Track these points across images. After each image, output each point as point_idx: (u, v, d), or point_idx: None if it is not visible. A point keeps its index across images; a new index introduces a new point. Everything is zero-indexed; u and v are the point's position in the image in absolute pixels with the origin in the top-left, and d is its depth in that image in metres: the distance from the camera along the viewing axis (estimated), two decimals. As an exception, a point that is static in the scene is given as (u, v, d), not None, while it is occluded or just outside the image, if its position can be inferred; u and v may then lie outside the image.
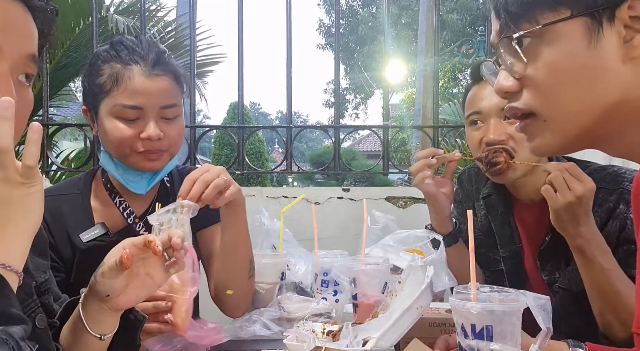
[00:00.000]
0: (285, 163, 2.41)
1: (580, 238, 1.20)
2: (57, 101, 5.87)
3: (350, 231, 2.22)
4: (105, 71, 1.28)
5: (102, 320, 0.87)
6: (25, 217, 0.64)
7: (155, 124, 1.28)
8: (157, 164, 1.32)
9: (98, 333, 0.86)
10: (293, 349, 1.00)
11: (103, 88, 1.28)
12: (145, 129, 1.27)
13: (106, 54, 1.31)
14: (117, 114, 1.27)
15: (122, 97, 1.26)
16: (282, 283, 1.43)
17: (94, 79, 1.30)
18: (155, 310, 1.05)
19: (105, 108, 1.28)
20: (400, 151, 15.95)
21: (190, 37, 2.53)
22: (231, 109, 12.92)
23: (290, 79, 2.42)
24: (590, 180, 1.21)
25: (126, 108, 1.26)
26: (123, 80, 1.26)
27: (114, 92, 1.27)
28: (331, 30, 23.89)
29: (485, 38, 2.66)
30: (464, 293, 0.92)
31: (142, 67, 1.28)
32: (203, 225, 1.39)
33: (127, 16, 4.64)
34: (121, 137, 1.27)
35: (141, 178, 1.35)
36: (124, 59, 1.28)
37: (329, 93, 28.35)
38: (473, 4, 20.87)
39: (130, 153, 1.29)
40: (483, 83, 1.39)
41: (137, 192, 1.35)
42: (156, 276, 0.88)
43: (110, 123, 1.28)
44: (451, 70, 17.10)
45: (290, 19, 2.39)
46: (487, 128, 1.37)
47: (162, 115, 1.30)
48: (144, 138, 1.27)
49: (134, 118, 1.27)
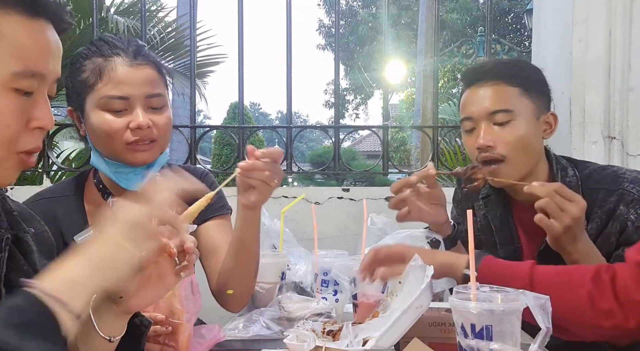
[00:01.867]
0: (285, 163, 2.41)
1: (577, 253, 1.21)
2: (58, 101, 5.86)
3: (350, 231, 2.22)
4: (87, 67, 1.28)
5: (113, 322, 0.87)
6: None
7: (143, 113, 1.27)
8: (147, 156, 1.31)
9: (107, 335, 0.85)
10: (293, 349, 1.00)
11: (87, 84, 1.27)
12: (133, 118, 1.26)
13: (87, 51, 1.31)
14: (103, 107, 1.26)
15: (107, 89, 1.26)
16: (282, 283, 1.43)
17: (76, 77, 1.29)
18: (156, 334, 1.04)
19: (91, 102, 1.27)
20: (400, 151, 15.96)
21: (190, 38, 2.53)
22: (231, 109, 12.93)
23: (290, 79, 2.42)
24: (580, 197, 1.21)
25: (112, 99, 1.26)
26: (106, 71, 1.26)
27: (98, 85, 1.26)
28: (331, 31, 23.88)
29: (485, 38, 2.66)
30: (464, 293, 0.92)
31: (123, 58, 1.28)
32: (204, 218, 1.38)
33: (127, 16, 4.65)
34: (110, 130, 1.26)
35: (134, 175, 1.33)
36: (105, 53, 1.28)
37: (329, 94, 28.34)
38: (473, 4, 20.86)
39: (120, 148, 1.28)
40: (474, 88, 1.39)
41: (130, 189, 1.33)
42: (167, 279, 0.88)
43: (97, 117, 1.27)
44: (451, 70, 17.09)
45: (290, 19, 2.39)
46: (478, 134, 1.37)
47: (148, 104, 1.29)
48: (134, 127, 1.26)
49: (121, 109, 1.26)
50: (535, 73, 1.43)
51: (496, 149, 1.34)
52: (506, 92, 1.36)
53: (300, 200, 1.64)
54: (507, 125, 1.34)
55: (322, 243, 1.47)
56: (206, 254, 1.40)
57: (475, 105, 1.38)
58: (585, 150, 2.04)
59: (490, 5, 2.53)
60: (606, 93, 2.04)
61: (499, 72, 1.39)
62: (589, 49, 2.05)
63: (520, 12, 18.58)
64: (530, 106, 1.36)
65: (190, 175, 0.93)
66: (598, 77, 2.04)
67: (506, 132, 1.34)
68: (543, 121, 1.39)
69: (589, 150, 2.04)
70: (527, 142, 1.35)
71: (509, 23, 21.75)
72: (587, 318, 1.01)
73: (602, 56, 2.04)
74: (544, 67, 1.48)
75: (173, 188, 0.83)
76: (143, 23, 2.50)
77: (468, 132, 1.41)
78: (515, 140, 1.33)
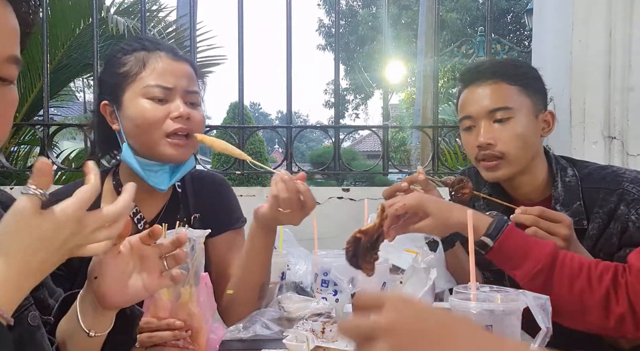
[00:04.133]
0: (285, 163, 2.41)
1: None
2: (58, 101, 5.87)
3: (350, 231, 2.21)
4: (128, 60, 1.31)
5: (95, 316, 0.85)
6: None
7: (183, 104, 1.29)
8: (183, 151, 1.30)
9: (87, 329, 0.84)
10: (293, 349, 1.01)
11: (128, 74, 1.29)
12: (174, 109, 1.28)
13: (127, 47, 1.34)
14: (146, 95, 1.27)
15: (151, 78, 1.28)
16: (282, 283, 1.43)
17: (115, 70, 1.31)
18: (175, 339, 1.04)
19: (132, 92, 1.28)
20: (400, 151, 15.95)
21: (190, 38, 2.53)
22: (231, 109, 12.90)
23: (290, 79, 2.42)
24: (564, 215, 1.22)
25: (156, 88, 1.27)
26: (150, 62, 1.29)
27: (142, 74, 1.28)
28: (331, 31, 23.88)
29: (485, 38, 2.66)
30: (464, 293, 0.92)
31: (166, 53, 1.32)
32: (216, 232, 1.37)
33: (127, 17, 4.64)
34: (151, 117, 1.26)
35: (163, 172, 1.33)
36: (148, 47, 1.32)
37: (329, 94, 28.34)
38: (473, 4, 20.86)
39: (158, 137, 1.27)
40: (472, 87, 1.40)
41: (159, 187, 1.33)
42: (148, 281, 0.86)
43: (138, 105, 1.28)
44: (451, 70, 17.08)
45: (291, 20, 2.39)
46: (477, 132, 1.37)
47: (187, 99, 1.31)
48: (174, 117, 1.27)
49: (162, 99, 1.28)
50: (532, 72, 1.45)
51: (496, 147, 1.35)
52: (505, 90, 1.36)
53: (300, 200, 1.63)
54: (507, 123, 1.35)
55: (322, 243, 1.47)
56: (216, 267, 1.39)
57: (474, 104, 1.38)
58: (585, 150, 2.04)
59: (490, 5, 2.53)
60: (606, 93, 2.04)
61: (497, 71, 1.39)
62: (589, 49, 2.05)
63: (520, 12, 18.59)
64: (528, 104, 1.37)
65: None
66: (598, 77, 2.04)
67: (506, 129, 1.35)
68: (541, 119, 1.40)
69: (589, 150, 2.04)
70: (527, 140, 1.36)
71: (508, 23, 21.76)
72: (596, 317, 1.01)
73: (602, 56, 2.04)
74: (544, 67, 1.48)
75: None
76: (143, 23, 2.50)
77: (467, 131, 1.42)
78: (515, 138, 1.34)
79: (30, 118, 4.31)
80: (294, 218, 1.21)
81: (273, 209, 1.20)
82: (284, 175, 1.19)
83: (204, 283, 1.08)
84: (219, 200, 1.44)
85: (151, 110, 1.27)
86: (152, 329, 1.03)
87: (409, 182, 1.36)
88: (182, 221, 1.37)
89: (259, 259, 1.30)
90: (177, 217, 1.37)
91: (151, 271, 0.87)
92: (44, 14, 2.43)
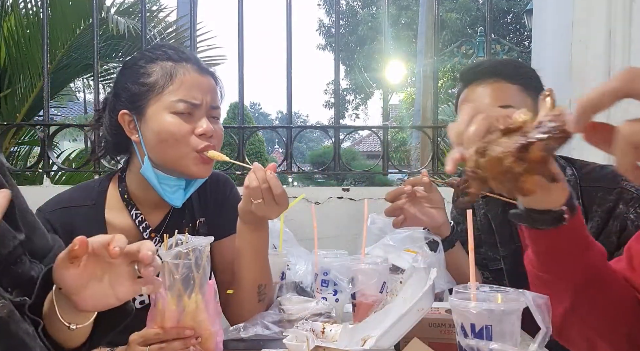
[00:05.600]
0: (285, 163, 2.41)
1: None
2: (58, 101, 5.88)
3: (350, 231, 2.22)
4: (154, 70, 1.27)
5: (72, 312, 0.84)
6: None
7: (207, 120, 1.28)
8: (208, 168, 1.30)
9: (67, 322, 0.83)
10: (293, 349, 1.01)
11: (154, 86, 1.26)
12: (199, 125, 1.26)
13: (150, 54, 1.30)
14: (172, 109, 1.25)
15: (178, 93, 1.25)
16: (282, 283, 1.43)
17: (139, 79, 1.27)
18: (185, 346, 1.03)
19: (158, 105, 1.25)
20: (400, 151, 15.97)
21: (190, 38, 2.53)
22: (231, 109, 12.94)
23: (290, 79, 2.42)
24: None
25: (184, 103, 1.25)
26: (178, 76, 1.26)
27: (169, 88, 1.26)
28: (331, 31, 23.88)
29: (485, 38, 2.66)
30: (464, 293, 0.92)
31: (193, 65, 1.29)
32: (221, 235, 1.38)
33: (127, 17, 4.65)
34: (178, 132, 1.24)
35: (179, 188, 1.33)
36: (174, 57, 1.29)
37: (329, 94, 28.36)
38: (473, 4, 20.87)
39: (186, 152, 1.26)
40: (473, 86, 1.40)
41: (174, 204, 1.33)
42: (119, 289, 0.84)
43: (165, 118, 1.25)
44: (451, 70, 17.10)
45: (291, 20, 2.39)
46: None
47: (210, 114, 1.30)
48: (199, 133, 1.26)
49: (187, 114, 1.26)
50: (532, 71, 1.45)
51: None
52: (507, 89, 1.37)
53: (301, 200, 1.64)
54: None
55: (322, 243, 1.47)
56: (221, 272, 1.40)
57: (475, 103, 1.38)
58: (584, 149, 2.04)
59: (490, 5, 2.53)
60: (606, 94, 2.04)
61: (498, 70, 1.40)
62: (589, 49, 2.05)
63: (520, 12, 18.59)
64: (529, 103, 1.37)
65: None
66: (598, 77, 2.04)
67: None
68: None
69: (589, 150, 2.03)
70: None
71: (508, 23, 21.76)
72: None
73: (602, 56, 2.04)
74: (544, 67, 1.49)
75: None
76: (143, 23, 2.50)
77: None
78: None
79: (30, 118, 4.31)
80: (267, 210, 1.21)
81: (246, 201, 1.22)
82: (255, 166, 1.20)
83: (212, 289, 1.08)
84: (223, 201, 1.44)
85: (177, 125, 1.24)
86: (161, 340, 1.03)
87: (412, 184, 1.37)
88: (188, 227, 1.37)
89: (250, 257, 1.29)
90: (183, 223, 1.37)
91: (123, 279, 0.84)
92: (44, 14, 2.43)
